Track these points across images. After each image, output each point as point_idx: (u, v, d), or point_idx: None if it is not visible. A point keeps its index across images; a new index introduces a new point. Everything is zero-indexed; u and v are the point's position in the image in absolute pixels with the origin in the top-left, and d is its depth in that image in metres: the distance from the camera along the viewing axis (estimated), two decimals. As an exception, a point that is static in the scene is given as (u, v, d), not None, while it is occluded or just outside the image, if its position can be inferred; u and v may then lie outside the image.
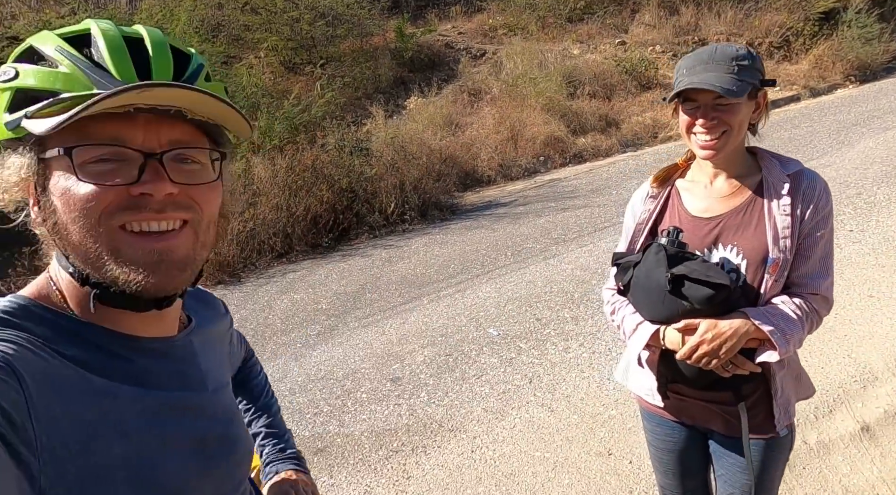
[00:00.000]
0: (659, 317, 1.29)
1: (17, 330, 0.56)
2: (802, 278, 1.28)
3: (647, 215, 1.41)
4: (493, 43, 11.62)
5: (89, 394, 0.57)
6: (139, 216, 0.59)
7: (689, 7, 11.90)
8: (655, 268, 1.24)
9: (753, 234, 1.27)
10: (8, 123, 0.58)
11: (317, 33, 9.95)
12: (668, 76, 10.32)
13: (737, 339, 1.20)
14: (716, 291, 1.18)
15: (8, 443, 0.47)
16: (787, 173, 1.29)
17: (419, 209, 6.67)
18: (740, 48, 1.25)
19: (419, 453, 2.80)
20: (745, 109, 1.25)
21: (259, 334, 4.38)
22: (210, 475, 0.68)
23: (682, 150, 1.47)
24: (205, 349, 0.77)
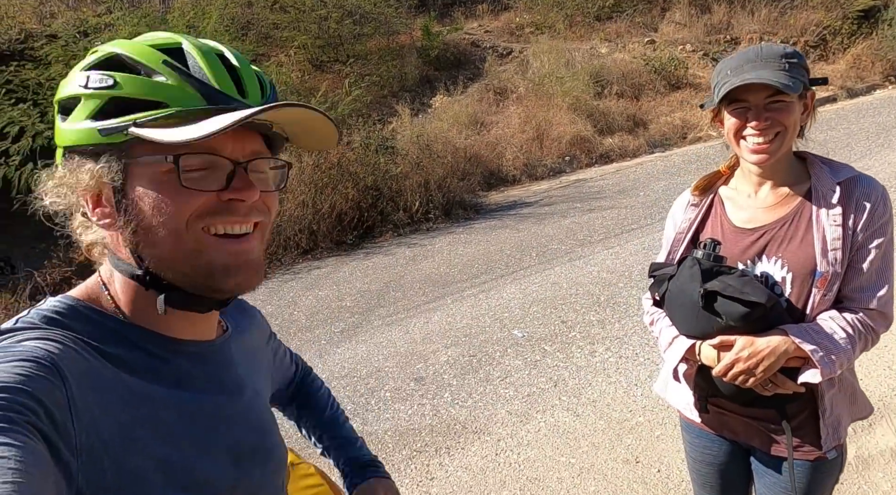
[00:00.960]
0: (694, 331, 1.25)
1: (64, 329, 0.57)
2: (856, 292, 1.21)
3: (688, 224, 1.36)
4: (520, 41, 11.54)
5: (128, 396, 0.57)
6: (227, 219, 0.62)
7: (722, 5, 11.65)
8: (689, 283, 1.19)
9: (800, 246, 1.20)
10: (105, 129, 0.58)
11: (344, 31, 10.00)
12: (698, 76, 10.12)
13: (775, 358, 1.14)
14: (750, 309, 1.13)
15: (50, 442, 0.48)
16: (838, 181, 1.21)
17: (443, 208, 6.66)
18: (787, 47, 1.19)
19: (442, 454, 2.78)
20: (797, 109, 1.18)
21: (284, 330, 4.42)
22: (245, 483, 0.67)
23: (711, 152, 1.42)
24: (242, 356, 0.77)
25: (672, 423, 2.73)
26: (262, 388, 0.81)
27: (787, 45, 1.20)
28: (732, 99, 1.19)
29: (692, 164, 7.29)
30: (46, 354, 0.52)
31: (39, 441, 0.47)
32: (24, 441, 0.45)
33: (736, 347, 1.17)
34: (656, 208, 5.83)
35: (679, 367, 1.29)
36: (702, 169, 7.01)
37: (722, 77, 1.21)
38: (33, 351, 0.52)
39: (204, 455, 0.62)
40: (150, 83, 0.59)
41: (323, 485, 1.07)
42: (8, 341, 0.54)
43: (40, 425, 0.47)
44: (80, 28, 8.15)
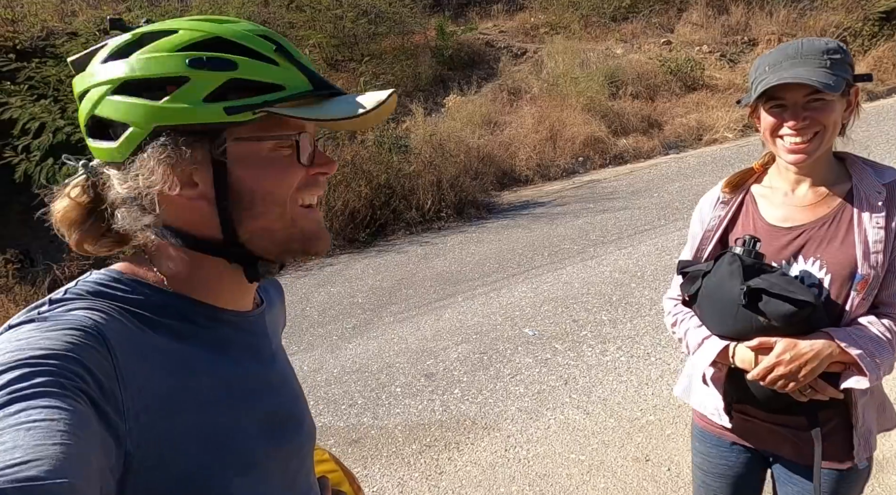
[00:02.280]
0: (729, 332, 1.19)
1: (108, 299, 0.59)
2: (893, 297, 1.17)
3: (718, 222, 1.31)
4: (535, 41, 11.52)
5: (170, 364, 0.59)
6: (311, 192, 0.68)
7: (739, 6, 11.54)
8: (729, 280, 1.14)
9: (840, 248, 1.16)
10: (231, 108, 0.60)
11: (359, 31, 10.05)
12: (714, 77, 10.04)
13: (818, 362, 1.09)
14: (798, 308, 1.08)
15: (98, 407, 0.50)
16: (884, 182, 1.17)
17: (456, 207, 6.67)
18: (829, 41, 1.13)
19: (452, 449, 2.79)
20: (839, 108, 1.14)
21: (296, 325, 4.46)
22: (279, 451, 0.70)
23: (727, 154, 1.41)
24: (273, 328, 0.80)
25: (683, 423, 2.72)
26: (288, 359, 0.83)
27: (829, 40, 1.14)
28: (770, 96, 1.15)
29: (707, 166, 7.23)
30: (93, 323, 0.54)
31: (88, 405, 0.49)
32: (73, 405, 0.47)
33: (777, 349, 1.11)
34: (670, 210, 5.80)
35: (707, 371, 1.24)
36: (717, 171, 6.96)
37: (759, 73, 1.17)
38: (81, 320, 0.54)
39: (240, 421, 0.64)
40: (268, 68, 0.63)
41: (337, 471, 1.09)
42: (58, 310, 0.56)
43: (89, 391, 0.49)
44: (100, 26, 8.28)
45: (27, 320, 0.54)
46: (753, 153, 7.50)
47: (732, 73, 10.21)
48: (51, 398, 0.46)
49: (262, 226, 0.65)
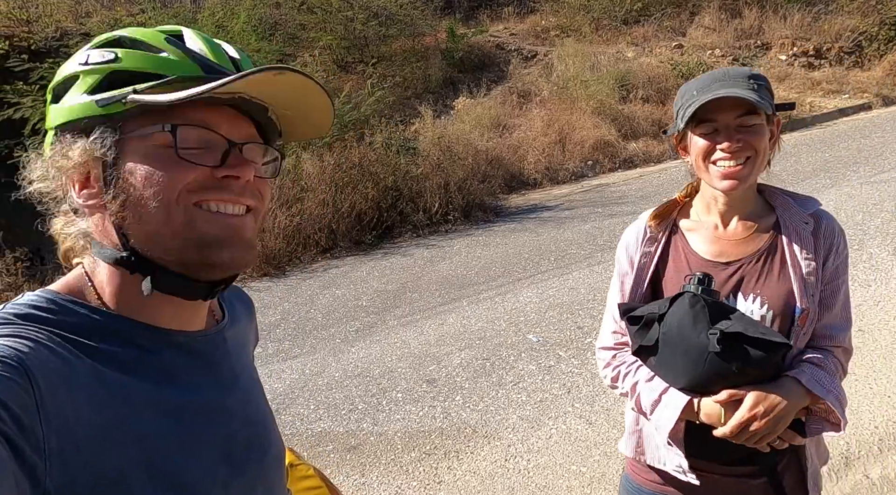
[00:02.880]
0: (694, 383, 1.08)
1: (41, 324, 0.55)
2: (827, 329, 1.14)
3: (648, 259, 1.23)
4: (545, 44, 11.47)
5: (106, 395, 0.55)
6: (219, 196, 0.61)
7: (753, 10, 11.42)
8: (693, 324, 1.03)
9: (778, 283, 1.12)
10: (102, 100, 0.58)
11: (370, 33, 10.07)
12: (727, 81, 9.92)
13: (793, 413, 1.04)
14: (773, 352, 1.00)
15: (14, 446, 0.46)
16: (809, 213, 1.16)
17: (463, 210, 6.64)
18: (752, 69, 1.14)
19: (451, 458, 2.76)
20: (766, 133, 1.11)
21: (300, 328, 4.45)
22: (238, 481, 0.66)
23: None
24: (237, 346, 0.75)
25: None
26: (256, 378, 0.79)
27: (751, 68, 1.15)
28: (700, 119, 1.11)
29: (718, 171, 7.14)
30: (14, 354, 0.50)
31: (1, 444, 0.45)
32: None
33: (748, 403, 1.03)
34: (679, 215, 5.73)
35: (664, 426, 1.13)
36: (728, 176, 6.87)
37: (688, 98, 1.12)
38: (0, 350, 0.50)
39: (190, 454, 0.60)
40: (151, 57, 0.60)
41: (322, 488, 1.06)
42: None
43: (3, 428, 0.46)
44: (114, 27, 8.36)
45: None
46: (765, 158, 7.41)
47: (745, 78, 10.09)
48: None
49: (149, 230, 0.59)
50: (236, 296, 0.84)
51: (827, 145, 7.61)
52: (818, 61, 10.62)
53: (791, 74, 10.19)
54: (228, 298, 0.80)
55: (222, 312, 0.77)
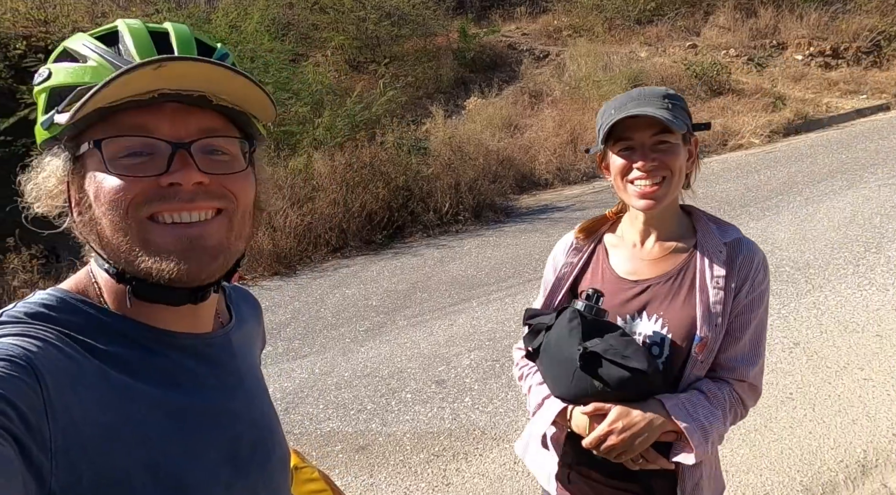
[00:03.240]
0: (567, 394, 1.12)
1: (50, 323, 0.56)
2: (731, 361, 1.13)
3: (569, 269, 1.25)
4: (558, 44, 11.43)
5: (112, 395, 0.56)
6: (169, 206, 0.58)
7: (769, 9, 11.29)
8: (568, 338, 1.07)
9: (682, 307, 1.11)
10: (43, 123, 0.59)
11: (382, 33, 10.09)
12: (741, 81, 9.83)
13: (650, 433, 1.05)
14: (631, 375, 1.02)
15: (21, 444, 0.46)
16: (725, 241, 1.14)
17: (473, 210, 6.63)
18: (669, 89, 1.14)
19: (460, 460, 2.75)
20: (683, 153, 1.11)
21: (310, 327, 4.46)
22: (242, 484, 0.65)
23: (752, 160, 1.34)
24: (243, 348, 0.75)
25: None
26: (262, 381, 0.79)
27: (668, 88, 1.14)
28: (618, 138, 1.12)
29: (731, 172, 7.06)
30: (23, 353, 0.50)
31: (10, 443, 0.45)
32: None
33: (610, 418, 1.06)
34: (692, 216, 5.67)
35: (548, 431, 1.17)
36: (742, 177, 6.80)
37: (606, 117, 1.13)
38: (9, 349, 0.50)
39: (194, 456, 0.60)
40: (75, 68, 0.58)
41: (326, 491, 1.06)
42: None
43: (11, 427, 0.46)
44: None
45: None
46: (780, 159, 7.32)
47: (760, 78, 9.99)
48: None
49: (114, 246, 0.58)
50: (243, 298, 0.84)
51: (844, 147, 7.50)
52: (835, 61, 10.47)
53: (807, 74, 10.06)
54: (235, 300, 0.80)
55: (229, 314, 0.76)
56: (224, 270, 0.63)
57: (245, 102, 0.62)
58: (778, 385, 2.98)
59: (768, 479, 2.37)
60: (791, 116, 8.76)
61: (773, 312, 3.70)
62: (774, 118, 8.66)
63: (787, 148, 7.90)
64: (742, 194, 6.22)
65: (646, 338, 1.13)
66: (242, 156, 0.64)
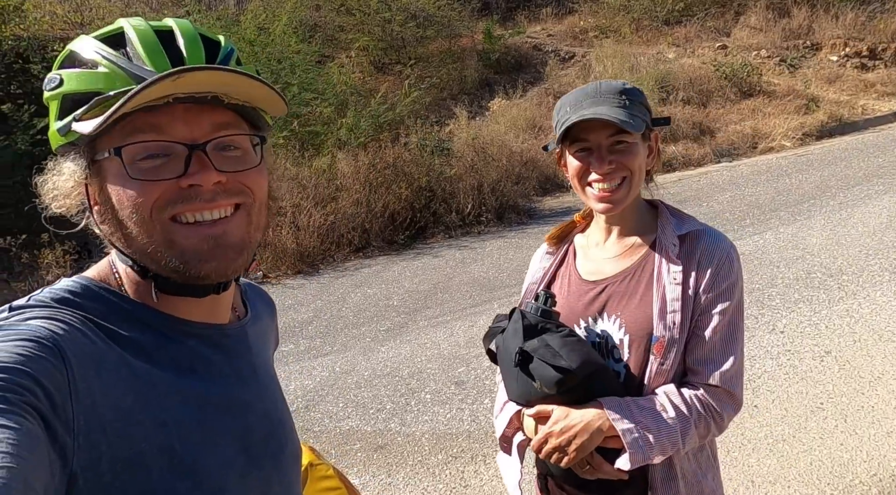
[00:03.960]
0: (515, 396, 1.09)
1: (75, 309, 0.57)
2: (697, 364, 1.05)
3: (542, 274, 1.23)
4: (583, 45, 11.33)
5: (133, 380, 0.57)
6: (191, 206, 0.59)
7: (802, 9, 11.01)
8: (512, 339, 1.05)
9: (638, 305, 1.06)
10: (60, 129, 0.60)
11: (407, 34, 10.13)
12: (772, 83, 9.60)
13: (588, 435, 0.98)
14: (562, 375, 0.98)
15: (48, 423, 0.47)
16: (679, 234, 1.08)
17: (496, 211, 6.60)
18: (626, 82, 1.08)
19: (478, 462, 2.73)
20: (642, 151, 1.07)
21: (332, 326, 4.50)
22: (254, 475, 0.66)
23: (784, 163, 1.29)
24: (258, 343, 0.76)
25: (725, 450, 2.57)
26: (275, 375, 0.79)
27: (625, 82, 1.09)
28: (574, 138, 1.06)
29: (761, 176, 6.90)
30: (50, 335, 0.51)
31: (37, 421, 0.46)
32: (21, 422, 0.44)
33: (550, 419, 1.02)
34: (719, 220, 5.55)
35: (515, 437, 1.12)
36: (772, 181, 6.63)
37: (562, 115, 1.08)
38: (37, 331, 0.51)
39: (210, 444, 0.61)
40: (86, 75, 0.59)
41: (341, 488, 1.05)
42: (15, 318, 0.54)
43: (39, 405, 0.47)
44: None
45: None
46: (813, 162, 7.12)
47: (793, 79, 9.74)
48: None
49: (137, 247, 0.60)
50: (259, 296, 0.85)
51: (880, 150, 7.26)
52: (872, 62, 10.16)
53: (842, 76, 9.78)
54: (251, 296, 0.81)
55: (245, 308, 0.77)
56: (247, 264, 0.65)
57: (256, 100, 0.63)
58: (808, 394, 2.89)
59: (796, 491, 2.30)
60: (825, 119, 8.52)
61: (804, 320, 3.59)
62: (807, 120, 8.44)
63: (821, 151, 7.69)
64: (772, 198, 6.07)
65: (607, 341, 1.09)
66: (253, 150, 0.65)
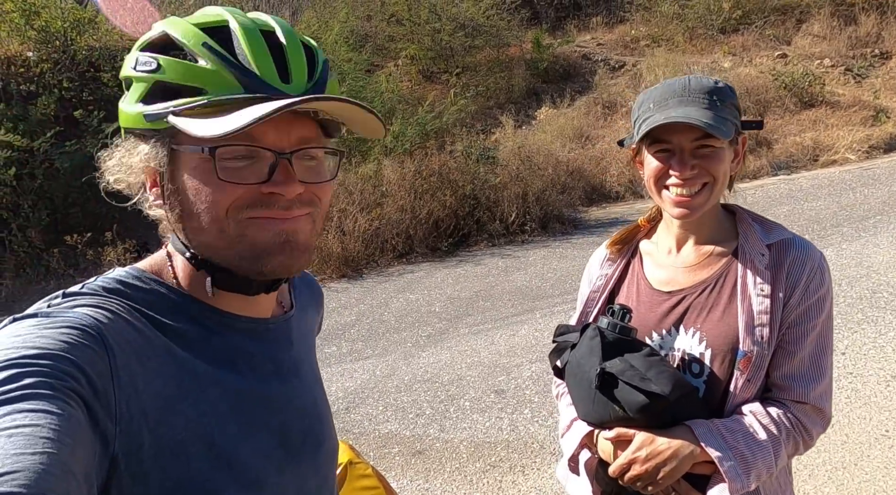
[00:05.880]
0: (589, 417, 1.03)
1: (123, 298, 0.59)
2: (787, 380, 0.99)
3: (604, 282, 1.16)
4: (634, 54, 11.13)
5: (175, 370, 0.58)
6: (268, 212, 0.60)
7: (871, 16, 10.48)
8: (588, 358, 0.98)
9: (721, 319, 1.00)
10: (149, 116, 0.60)
11: (455, 44, 10.21)
12: (836, 93, 9.16)
13: (677, 463, 0.93)
14: (651, 401, 0.92)
15: (90, 408, 0.48)
16: (768, 243, 1.01)
17: (540, 220, 6.54)
18: (718, 80, 1.00)
19: (517, 472, 2.69)
20: (728, 156, 0.99)
21: (374, 330, 4.54)
22: (292, 469, 0.66)
23: (847, 177, 1.21)
24: (301, 336, 0.76)
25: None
26: (317, 371, 0.79)
27: (717, 80, 1.00)
28: (655, 139, 1.00)
29: (822, 190, 6.58)
30: (94, 323, 0.53)
31: (80, 407, 0.47)
32: (63, 407, 0.45)
33: (633, 445, 0.96)
34: (776, 235, 5.32)
35: (581, 455, 1.08)
36: (834, 195, 6.31)
37: (643, 111, 1.01)
38: (82, 319, 0.52)
39: (249, 436, 0.61)
40: (190, 68, 0.58)
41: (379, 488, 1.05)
42: (65, 305, 0.55)
43: (81, 391, 0.48)
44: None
45: (32, 314, 0.53)
46: (880, 176, 6.74)
47: (859, 89, 9.27)
48: (39, 400, 0.44)
49: (205, 240, 0.61)
50: (307, 285, 0.85)
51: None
52: (948, 71, 9.55)
53: (914, 86, 9.24)
54: (298, 286, 0.82)
55: (291, 301, 0.78)
56: (308, 265, 0.66)
57: (353, 122, 0.64)
58: (872, 420, 2.71)
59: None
60: (894, 131, 8.06)
61: (868, 342, 3.39)
62: (875, 133, 8.00)
63: (889, 165, 7.26)
64: (835, 213, 5.77)
65: (684, 354, 1.03)
66: (330, 162, 0.66)
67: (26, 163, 6.95)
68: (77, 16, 8.34)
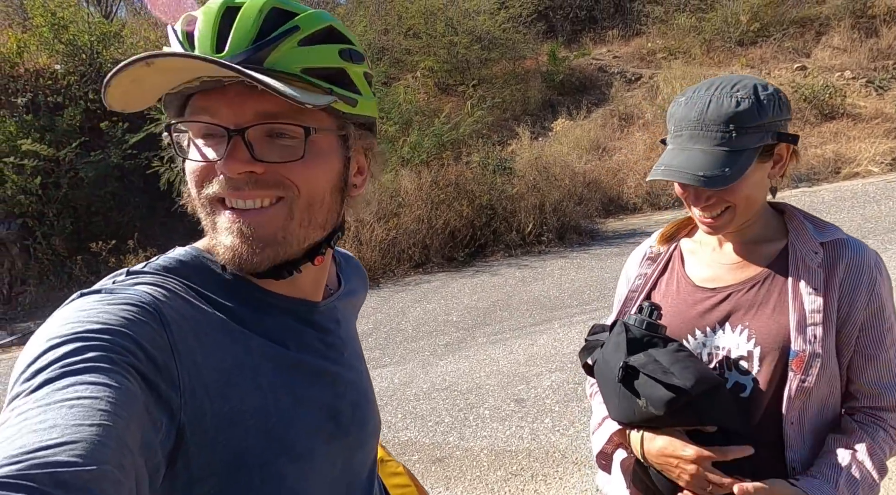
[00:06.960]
0: (616, 415, 1.01)
1: (180, 277, 0.60)
2: (875, 386, 0.95)
3: (643, 281, 1.13)
4: (651, 67, 11.13)
5: (230, 344, 0.59)
6: (221, 192, 0.59)
7: (892, 28, 10.39)
8: (614, 353, 0.97)
9: (772, 316, 0.96)
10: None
11: (471, 56, 10.29)
12: (857, 105, 9.06)
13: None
14: (675, 395, 0.89)
15: (149, 382, 0.49)
16: (821, 241, 0.98)
17: (557, 231, 6.52)
18: (742, 98, 0.91)
19: (538, 481, 2.65)
20: (754, 177, 0.95)
21: (391, 339, 4.53)
22: (341, 442, 0.67)
23: (871, 189, 1.21)
24: (347, 317, 0.77)
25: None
26: (361, 351, 0.80)
27: (743, 95, 0.92)
28: None
29: (845, 202, 6.48)
30: (152, 300, 0.54)
31: (138, 381, 0.48)
32: (121, 381, 0.46)
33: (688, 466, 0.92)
34: (799, 246, 5.25)
35: (616, 454, 1.05)
36: (857, 207, 6.22)
37: (669, 124, 1.00)
38: (141, 296, 0.54)
39: (300, 407, 0.62)
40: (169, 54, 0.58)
41: (410, 487, 1.04)
42: (127, 283, 0.57)
43: (139, 366, 0.49)
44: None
45: (97, 290, 0.55)
46: (905, 189, 6.63)
47: (881, 101, 9.17)
48: (99, 373, 0.46)
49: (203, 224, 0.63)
50: (355, 270, 0.87)
51: None
52: (972, 83, 9.42)
53: (937, 98, 9.12)
54: (346, 270, 0.83)
55: (338, 283, 0.78)
56: (277, 259, 0.61)
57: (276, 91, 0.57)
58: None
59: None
60: (917, 143, 7.95)
61: None
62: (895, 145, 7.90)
63: (912, 177, 7.15)
64: (858, 225, 5.68)
65: (729, 353, 0.99)
66: (331, 145, 0.62)
67: (52, 173, 7.12)
68: (103, 30, 8.56)
